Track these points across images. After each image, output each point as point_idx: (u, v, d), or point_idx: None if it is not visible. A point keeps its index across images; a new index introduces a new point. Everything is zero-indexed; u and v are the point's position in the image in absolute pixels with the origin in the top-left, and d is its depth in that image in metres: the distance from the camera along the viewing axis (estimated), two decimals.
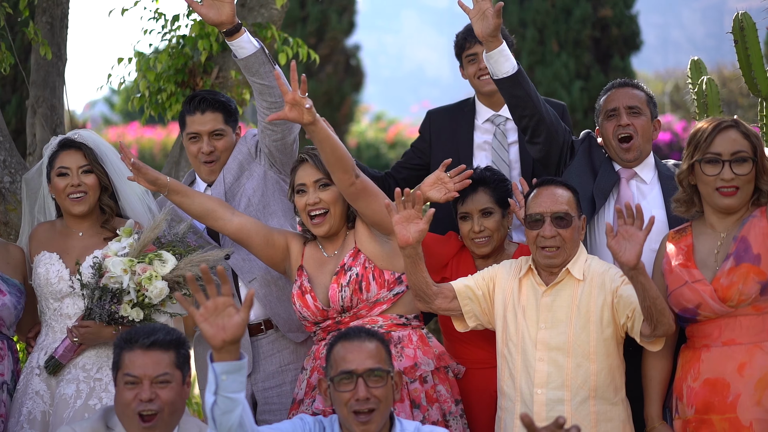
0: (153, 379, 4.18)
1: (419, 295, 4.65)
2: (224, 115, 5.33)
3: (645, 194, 4.98)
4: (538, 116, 5.03)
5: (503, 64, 4.95)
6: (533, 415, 4.48)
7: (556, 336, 4.51)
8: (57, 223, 5.30)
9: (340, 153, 4.67)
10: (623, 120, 4.95)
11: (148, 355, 4.22)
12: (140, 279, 4.92)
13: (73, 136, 5.27)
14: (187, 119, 5.36)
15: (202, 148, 5.30)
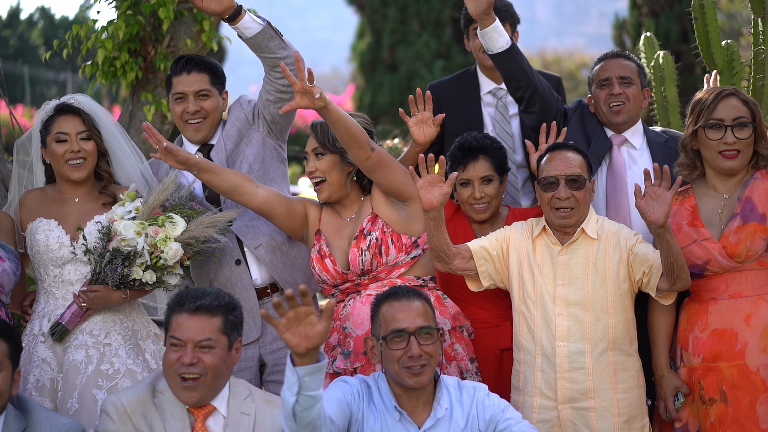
0: (196, 344, 4.21)
1: (440, 256, 4.82)
2: (210, 76, 5.37)
3: (635, 159, 5.29)
4: (533, 88, 5.28)
5: (497, 40, 5.19)
6: (555, 367, 4.73)
7: (575, 292, 4.76)
8: (48, 189, 5.23)
9: (353, 130, 4.79)
10: (615, 89, 5.24)
11: (193, 319, 4.25)
12: (154, 241, 4.91)
13: (69, 101, 5.20)
14: (173, 80, 5.37)
15: (188, 108, 5.32)
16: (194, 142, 5.40)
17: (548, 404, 4.76)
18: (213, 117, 5.36)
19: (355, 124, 4.82)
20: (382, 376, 4.46)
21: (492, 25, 5.17)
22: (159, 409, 4.27)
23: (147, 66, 6.81)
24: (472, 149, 5.19)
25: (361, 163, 4.89)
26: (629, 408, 4.74)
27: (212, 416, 4.31)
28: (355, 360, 4.92)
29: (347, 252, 5.01)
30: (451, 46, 18.08)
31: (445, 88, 5.98)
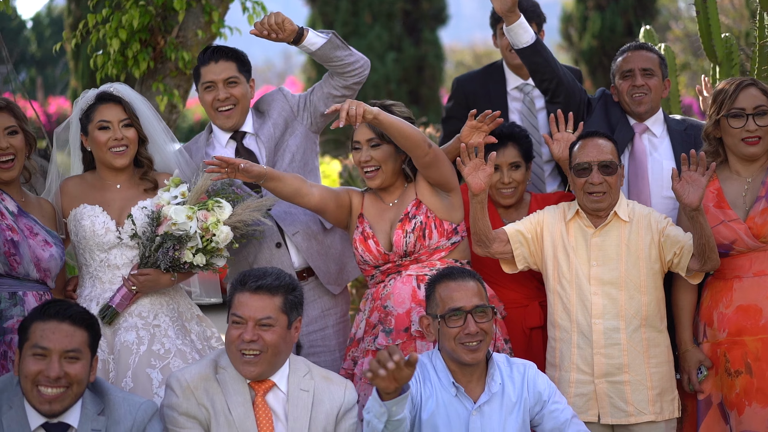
0: (257, 321, 4.38)
1: (481, 240, 5.04)
2: (237, 64, 5.53)
3: (656, 147, 5.55)
4: (557, 80, 5.54)
5: (522, 35, 5.46)
6: (592, 343, 4.99)
7: (609, 272, 5.01)
8: (87, 176, 5.34)
9: (407, 133, 5.00)
10: (638, 81, 5.50)
11: (254, 298, 4.41)
12: (205, 225, 5.06)
13: (109, 89, 5.31)
14: (201, 70, 5.53)
15: (218, 96, 5.48)
16: (225, 129, 5.55)
17: (585, 379, 5.01)
18: (242, 104, 5.52)
19: (408, 127, 5.02)
20: (437, 354, 4.67)
21: (517, 22, 5.42)
22: (221, 384, 4.44)
23: (156, 56, 6.92)
24: (502, 136, 5.41)
25: (419, 160, 5.11)
26: (661, 381, 5.01)
27: (272, 392, 4.49)
28: (397, 337, 5.13)
29: (389, 234, 5.22)
30: (403, 38, 18.30)
31: (472, 82, 6.21)
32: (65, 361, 4.08)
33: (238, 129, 5.55)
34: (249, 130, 5.56)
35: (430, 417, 4.58)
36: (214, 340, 5.35)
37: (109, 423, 4.17)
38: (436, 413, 4.59)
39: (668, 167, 5.42)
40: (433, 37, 18.58)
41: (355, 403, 4.57)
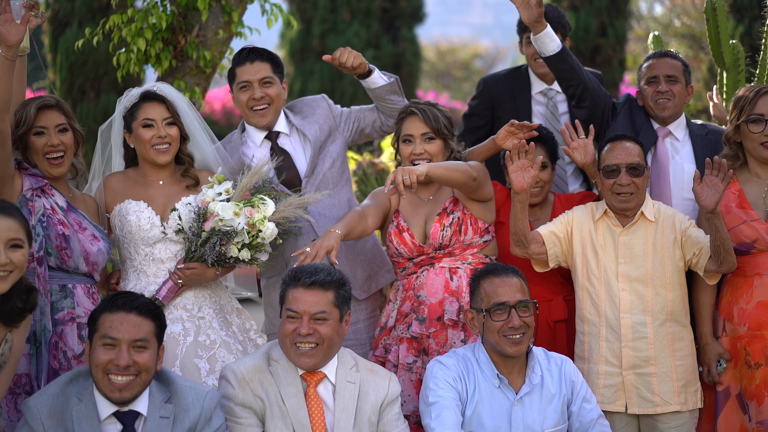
0: (312, 316, 4.58)
1: (520, 240, 5.26)
2: (272, 65, 5.73)
3: (678, 150, 5.79)
4: (583, 85, 5.77)
5: (549, 44, 5.69)
6: (620, 337, 5.22)
7: (636, 269, 5.25)
8: (129, 172, 5.49)
9: (455, 178, 5.26)
10: (662, 87, 5.73)
11: (308, 293, 4.61)
12: (252, 221, 5.23)
13: (153, 89, 5.46)
14: (237, 71, 5.71)
15: (254, 95, 5.66)
16: (260, 128, 5.73)
17: (613, 371, 5.24)
18: (276, 103, 5.70)
19: (455, 173, 5.26)
20: (480, 347, 4.88)
21: (544, 31, 5.66)
22: (274, 375, 4.62)
23: (176, 55, 7.06)
24: (532, 137, 5.63)
25: (465, 192, 5.39)
26: (686, 373, 5.26)
27: (322, 383, 4.68)
28: (430, 326, 5.37)
29: (424, 228, 5.45)
30: (381, 36, 18.47)
31: (498, 84, 6.43)
32: (133, 350, 4.25)
33: (272, 128, 5.72)
34: (283, 130, 5.74)
35: (475, 409, 4.80)
36: (253, 332, 5.53)
37: (177, 410, 4.34)
38: (480, 405, 4.81)
39: (689, 170, 5.66)
40: (410, 35, 18.78)
41: (398, 395, 4.77)
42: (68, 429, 4.25)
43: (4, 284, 4.17)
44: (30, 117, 5.13)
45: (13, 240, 4.18)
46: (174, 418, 4.32)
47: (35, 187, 5.10)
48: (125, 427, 4.28)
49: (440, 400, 4.74)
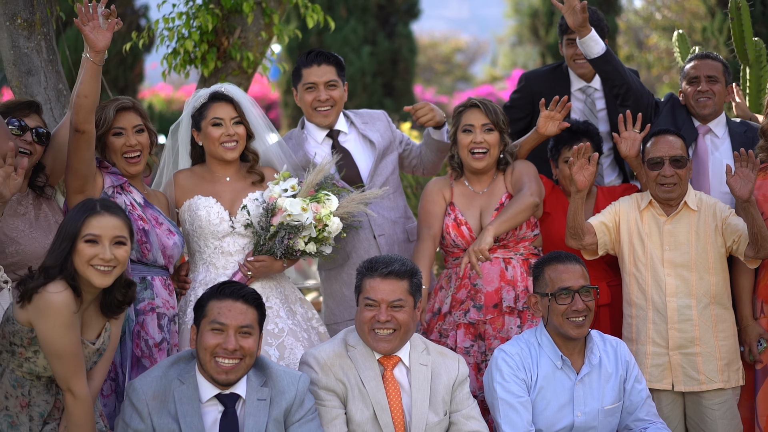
0: (389, 303, 4.88)
1: (577, 233, 5.59)
2: (336, 68, 6.05)
3: (718, 147, 6.09)
4: (626, 86, 6.11)
5: (593, 47, 6.03)
6: (666, 320, 5.55)
7: (680, 255, 5.59)
8: (197, 169, 5.76)
9: (522, 217, 5.70)
10: (702, 86, 6.05)
11: (385, 283, 4.91)
12: (319, 216, 5.52)
13: (221, 90, 5.74)
14: (303, 72, 6.02)
15: (319, 96, 5.98)
16: (322, 128, 6.03)
17: (660, 351, 5.58)
18: (339, 105, 6.02)
19: (518, 212, 5.65)
20: (543, 330, 5.20)
21: (589, 35, 5.99)
22: (353, 360, 4.93)
23: (220, 56, 7.34)
24: (579, 132, 5.98)
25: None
26: (728, 353, 5.60)
27: (397, 366, 4.99)
28: (487, 312, 5.70)
29: (479, 220, 5.78)
30: (377, 33, 18.73)
31: (539, 80, 6.73)
32: (240, 335, 4.54)
33: (332, 127, 6.03)
34: (343, 129, 6.05)
35: (540, 391, 5.12)
36: (315, 320, 5.81)
37: (273, 393, 4.63)
38: (544, 386, 5.13)
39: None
40: (406, 31, 19.08)
41: (467, 375, 5.09)
42: (170, 410, 4.53)
43: (108, 279, 4.44)
44: (109, 118, 5.39)
45: (118, 237, 4.45)
46: (270, 400, 4.62)
47: (116, 185, 5.37)
48: (227, 408, 4.57)
49: (507, 397, 5.07)
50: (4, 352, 4.42)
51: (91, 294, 4.47)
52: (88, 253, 4.38)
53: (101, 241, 4.41)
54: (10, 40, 6.41)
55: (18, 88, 6.44)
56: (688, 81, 6.11)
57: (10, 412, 4.42)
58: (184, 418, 4.52)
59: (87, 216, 4.41)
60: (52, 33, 6.60)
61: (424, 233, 5.84)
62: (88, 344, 4.50)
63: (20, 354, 4.39)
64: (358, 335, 4.98)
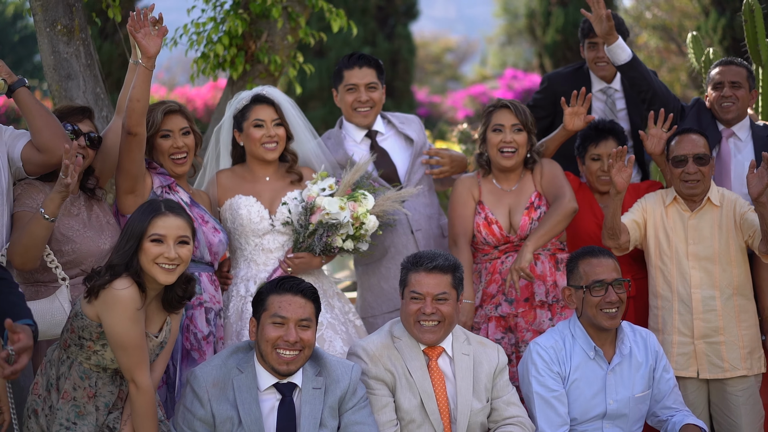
0: (434, 297, 5.12)
1: (614, 233, 5.80)
2: (377, 71, 6.30)
3: (740, 149, 6.32)
4: (652, 91, 6.37)
5: (620, 54, 6.30)
6: (692, 311, 5.80)
7: (704, 249, 5.83)
8: (237, 169, 5.99)
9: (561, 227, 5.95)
10: (726, 92, 6.27)
11: (430, 277, 5.14)
12: (356, 214, 5.75)
13: (262, 92, 5.97)
14: (345, 73, 6.26)
15: (360, 98, 6.23)
16: (360, 128, 6.27)
17: (685, 340, 5.82)
18: (378, 107, 6.27)
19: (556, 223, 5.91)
20: (576, 322, 5.43)
21: (616, 43, 6.26)
22: (400, 351, 5.16)
23: (248, 59, 7.56)
24: (605, 130, 6.24)
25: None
26: (751, 342, 5.85)
27: (441, 356, 5.22)
28: (519, 306, 5.95)
29: (508, 218, 6.00)
30: (377, 34, 18.95)
31: (561, 81, 6.97)
32: (299, 328, 4.77)
33: (370, 127, 6.26)
34: (381, 130, 6.29)
35: (574, 382, 5.36)
36: (352, 314, 6.04)
37: (327, 382, 4.86)
38: (579, 376, 5.37)
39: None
40: (405, 32, 19.32)
41: (506, 364, 5.32)
42: (229, 397, 4.76)
43: (172, 276, 4.66)
44: (157, 121, 5.61)
45: (182, 237, 4.68)
46: (325, 389, 4.84)
47: (164, 185, 5.59)
48: (284, 396, 4.79)
49: (542, 391, 5.31)
50: (73, 345, 4.64)
51: (154, 290, 4.69)
52: (154, 252, 4.60)
53: (166, 240, 4.63)
54: (50, 45, 6.60)
55: (58, 92, 6.64)
56: (713, 86, 6.34)
57: (78, 402, 4.63)
58: (243, 405, 4.74)
59: (153, 216, 4.63)
60: (90, 38, 6.80)
61: (461, 241, 6.03)
62: (151, 337, 4.72)
63: (88, 347, 4.61)
64: (404, 327, 5.21)
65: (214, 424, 4.73)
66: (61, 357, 4.68)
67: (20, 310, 4.09)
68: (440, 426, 5.08)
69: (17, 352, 3.81)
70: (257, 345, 4.83)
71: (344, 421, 4.86)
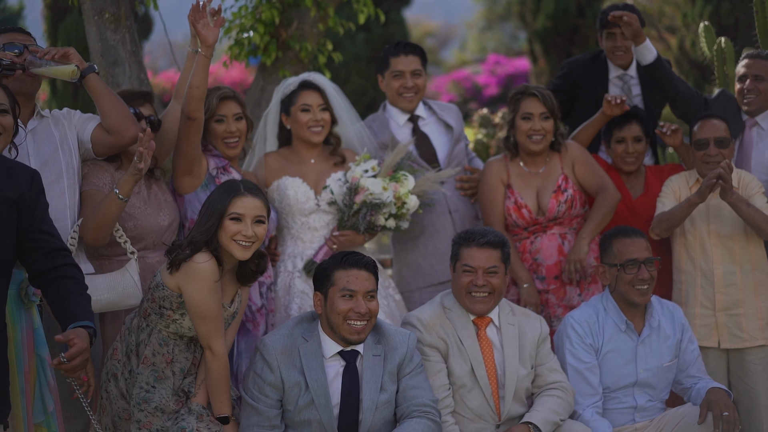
0: (485, 270, 5.49)
1: (672, 226, 6.19)
2: (421, 59, 6.65)
3: (763, 138, 6.65)
4: (674, 91, 6.81)
5: (647, 55, 6.77)
6: (713, 285, 6.19)
7: (725, 227, 6.21)
8: (283, 151, 6.33)
9: (610, 217, 6.30)
10: (749, 85, 6.62)
11: (481, 251, 5.52)
12: (398, 194, 6.10)
13: (309, 78, 6.31)
14: (391, 60, 6.61)
15: (405, 84, 6.58)
16: (404, 112, 6.63)
17: (707, 312, 6.21)
18: (421, 92, 6.62)
19: (606, 214, 6.34)
20: (608, 297, 5.81)
21: (643, 44, 6.71)
22: (451, 321, 5.53)
23: (279, 47, 7.89)
24: (629, 114, 6.62)
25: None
26: None
27: (489, 326, 5.60)
28: (550, 283, 6.31)
29: (536, 200, 6.36)
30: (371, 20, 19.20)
31: (580, 67, 7.32)
32: (366, 299, 5.12)
33: (413, 112, 6.61)
34: (423, 115, 6.64)
35: (606, 353, 5.75)
36: (391, 289, 6.39)
37: (386, 349, 5.22)
38: (611, 348, 5.76)
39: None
40: (398, 18, 19.63)
41: (548, 333, 5.70)
42: (296, 364, 5.11)
43: (248, 252, 5.02)
44: (213, 106, 5.94)
45: (258, 216, 5.03)
46: (384, 355, 5.21)
47: (219, 166, 5.92)
48: (348, 363, 5.16)
49: (576, 363, 5.69)
50: (153, 314, 4.98)
51: (229, 264, 5.03)
52: (233, 229, 4.95)
53: (244, 219, 4.97)
54: (98, 33, 6.92)
55: (104, 78, 6.94)
56: (738, 78, 6.69)
57: (157, 367, 4.98)
58: (309, 371, 5.10)
59: (233, 196, 4.98)
60: (134, 26, 7.10)
61: (497, 228, 6.31)
62: (225, 307, 5.07)
63: (168, 316, 4.95)
64: (455, 298, 5.58)
65: (283, 389, 5.09)
66: (141, 325, 5.02)
67: (84, 312, 4.32)
68: (489, 390, 5.46)
69: (68, 358, 4.11)
70: (325, 317, 5.17)
71: (402, 385, 5.22)
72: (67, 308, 4.31)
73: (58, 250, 4.42)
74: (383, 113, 6.72)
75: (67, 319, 4.26)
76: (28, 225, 4.38)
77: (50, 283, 4.37)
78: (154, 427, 4.90)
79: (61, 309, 4.32)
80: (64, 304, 4.32)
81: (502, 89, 24.28)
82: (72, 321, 4.24)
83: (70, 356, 4.11)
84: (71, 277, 4.41)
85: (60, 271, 4.38)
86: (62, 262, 4.41)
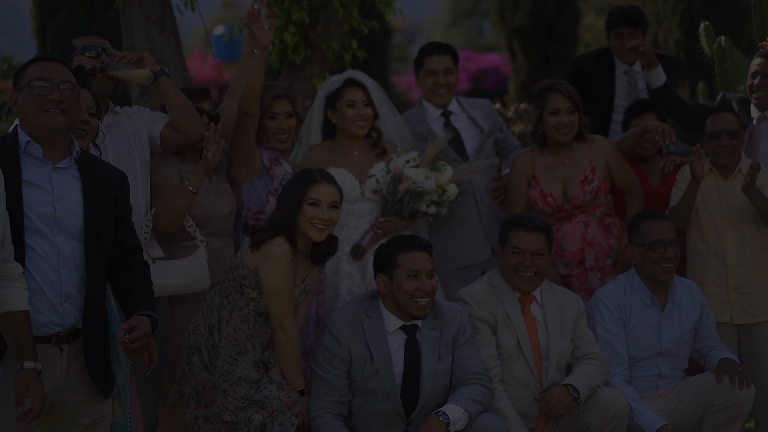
0: (533, 252, 6.04)
1: (686, 214, 6.68)
2: (452, 58, 7.14)
3: None
4: (683, 116, 7.38)
5: (657, 79, 7.31)
6: (726, 265, 6.71)
7: (736, 213, 6.73)
8: (328, 144, 6.78)
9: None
10: (758, 82, 7.06)
11: (530, 234, 6.06)
12: (439, 183, 6.59)
13: (353, 76, 6.78)
14: (425, 60, 7.10)
15: (438, 81, 7.07)
16: (438, 107, 7.13)
17: (720, 291, 6.73)
18: (453, 89, 7.11)
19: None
20: (634, 275, 6.35)
21: (655, 69, 7.25)
22: (499, 298, 6.07)
23: (307, 46, 8.35)
24: (645, 105, 7.21)
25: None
26: None
27: (532, 303, 6.14)
28: (574, 268, 6.80)
29: (561, 188, 6.82)
30: None
31: (588, 63, 7.83)
32: (429, 278, 5.64)
33: (446, 108, 7.12)
34: (455, 111, 7.14)
35: (633, 326, 6.31)
36: None
37: (441, 323, 5.75)
38: (637, 321, 6.32)
39: None
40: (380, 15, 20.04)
41: (584, 309, 6.23)
42: (361, 339, 5.63)
43: (323, 234, 5.52)
44: (266, 103, 6.37)
45: (333, 202, 5.54)
46: (440, 329, 5.72)
47: (272, 158, 6.38)
48: (409, 336, 5.67)
49: (606, 335, 6.23)
50: (234, 292, 5.45)
51: (303, 245, 5.52)
52: (311, 213, 5.44)
53: (321, 204, 5.46)
54: (146, 35, 7.34)
55: None
56: (750, 75, 7.14)
57: (239, 342, 5.45)
58: (374, 345, 5.62)
59: (311, 184, 5.48)
60: (177, 27, 7.54)
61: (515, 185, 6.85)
62: (298, 285, 5.55)
63: (247, 294, 5.42)
64: (501, 278, 6.12)
65: (350, 361, 5.60)
66: (222, 303, 5.49)
67: (148, 303, 4.69)
68: (533, 361, 6.01)
69: (132, 340, 4.47)
70: (390, 296, 5.69)
71: (456, 355, 5.75)
72: (133, 298, 4.71)
73: (135, 248, 4.82)
74: (420, 107, 7.20)
75: (132, 308, 4.66)
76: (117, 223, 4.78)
77: (122, 276, 4.76)
78: (239, 395, 5.36)
79: (128, 299, 4.72)
80: (132, 294, 4.72)
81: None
82: (137, 310, 4.63)
83: (134, 338, 4.48)
84: (141, 272, 4.80)
85: (132, 266, 4.78)
86: (136, 258, 4.81)
